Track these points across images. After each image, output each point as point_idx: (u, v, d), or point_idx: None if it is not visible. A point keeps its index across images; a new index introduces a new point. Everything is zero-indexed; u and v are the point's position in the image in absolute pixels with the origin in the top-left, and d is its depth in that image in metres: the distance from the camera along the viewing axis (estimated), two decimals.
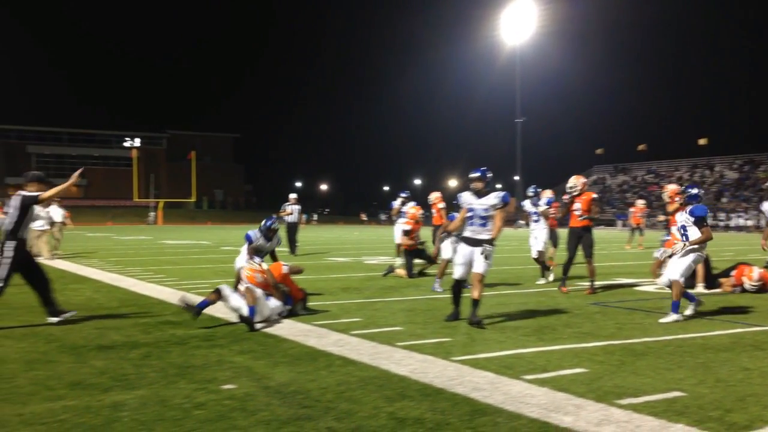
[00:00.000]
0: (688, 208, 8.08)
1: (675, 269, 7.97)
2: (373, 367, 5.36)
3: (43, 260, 16.87)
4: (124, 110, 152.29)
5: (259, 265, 8.03)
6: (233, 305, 7.41)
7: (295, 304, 8.07)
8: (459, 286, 7.72)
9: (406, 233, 13.13)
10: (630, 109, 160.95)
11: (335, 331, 6.97)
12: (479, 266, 7.41)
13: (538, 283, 11.72)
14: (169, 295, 9.97)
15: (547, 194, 12.75)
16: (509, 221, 46.79)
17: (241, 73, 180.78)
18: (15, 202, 7.40)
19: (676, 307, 7.74)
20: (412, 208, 13.61)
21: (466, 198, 7.67)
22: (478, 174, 7.67)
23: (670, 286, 8.02)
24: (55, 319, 7.32)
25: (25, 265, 7.38)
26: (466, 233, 7.60)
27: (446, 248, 11.19)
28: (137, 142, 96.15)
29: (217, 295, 7.49)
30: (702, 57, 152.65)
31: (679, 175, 71.39)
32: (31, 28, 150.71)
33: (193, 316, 7.34)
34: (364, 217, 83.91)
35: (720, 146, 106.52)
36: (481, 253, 7.41)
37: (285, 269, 8.27)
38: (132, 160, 79.79)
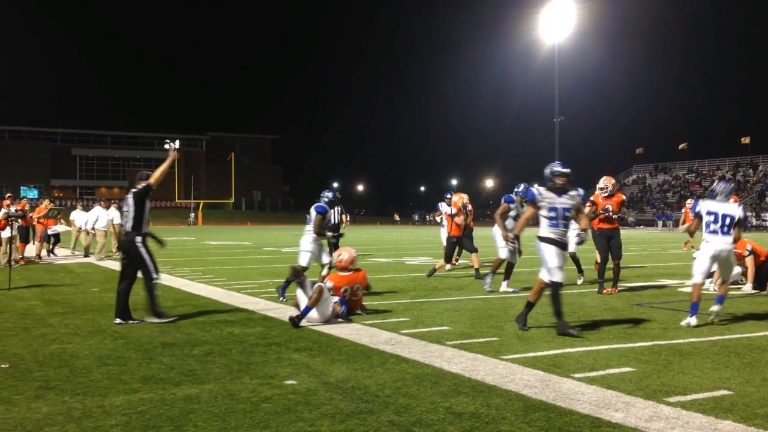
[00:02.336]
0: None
1: (693, 270, 7.82)
2: (426, 365, 5.58)
3: (94, 260, 17.46)
4: (166, 113, 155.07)
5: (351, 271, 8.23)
6: (299, 296, 7.70)
7: (355, 312, 8.22)
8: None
9: (453, 216, 13.38)
10: (670, 108, 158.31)
11: (385, 330, 7.20)
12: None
13: (578, 282, 11.79)
14: (221, 294, 10.32)
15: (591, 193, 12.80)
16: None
17: (280, 76, 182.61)
18: (129, 200, 7.93)
19: (694, 308, 7.51)
20: (455, 195, 13.95)
21: (547, 195, 7.02)
22: (567, 170, 7.03)
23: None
24: (121, 322, 7.64)
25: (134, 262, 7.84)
26: (551, 235, 7.01)
27: (503, 249, 10.72)
28: (177, 143, 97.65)
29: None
30: (744, 54, 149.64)
31: (721, 174, 70.18)
32: (76, 37, 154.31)
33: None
34: (397, 217, 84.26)
35: (763, 145, 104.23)
36: (576, 237, 7.36)
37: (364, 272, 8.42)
38: (174, 161, 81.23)
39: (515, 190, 11.06)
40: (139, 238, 7.80)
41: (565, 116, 56.58)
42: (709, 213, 7.70)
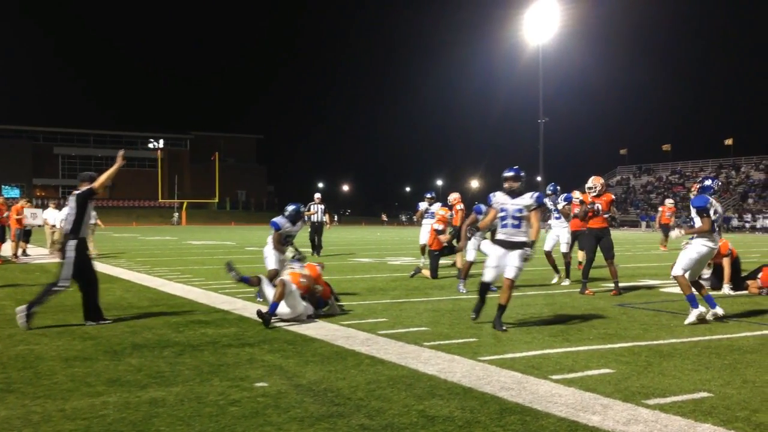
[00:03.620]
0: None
1: (677, 264, 7.85)
2: (401, 366, 5.45)
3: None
4: (149, 112, 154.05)
5: (301, 268, 8.13)
6: (266, 293, 7.67)
7: (326, 301, 8.15)
8: (486, 287, 7.49)
9: (439, 232, 13.06)
10: (654, 109, 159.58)
11: (362, 331, 7.07)
12: (510, 271, 7.18)
13: (563, 284, 11.74)
14: (198, 294, 10.14)
15: (573, 193, 12.71)
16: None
17: (264, 75, 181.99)
18: (71, 202, 7.61)
19: (692, 300, 7.60)
20: (441, 209, 13.60)
21: (499, 198, 7.48)
22: (512, 173, 7.48)
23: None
24: (92, 323, 7.45)
25: (81, 266, 7.48)
26: (500, 236, 7.40)
27: (470, 250, 10.98)
28: (161, 143, 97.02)
29: (258, 280, 8.07)
30: (728, 56, 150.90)
31: (704, 176, 70.64)
32: (59, 35, 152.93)
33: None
34: (384, 217, 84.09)
35: (746, 147, 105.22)
36: (521, 256, 7.19)
37: (318, 269, 8.34)
38: (157, 161, 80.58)
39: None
40: (73, 242, 7.42)
41: (549, 117, 56.70)
42: (715, 212, 7.81)
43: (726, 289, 10.59)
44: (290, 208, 9.26)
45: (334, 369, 5.37)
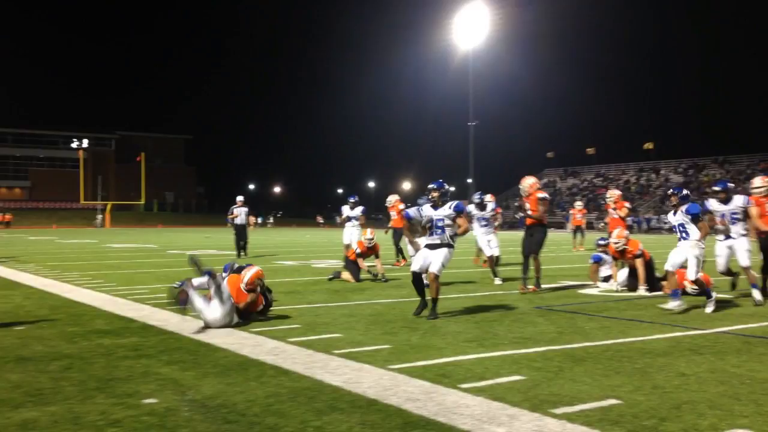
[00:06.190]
0: (684, 207, 8.92)
1: (690, 270, 8.81)
2: (306, 377, 5.17)
3: None
4: (72, 111, 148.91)
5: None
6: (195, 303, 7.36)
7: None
8: (418, 277, 8.20)
9: (369, 248, 12.71)
10: (579, 113, 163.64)
11: (272, 338, 6.75)
12: (434, 267, 8.04)
13: (497, 283, 12.11)
14: (104, 301, 9.60)
15: (489, 199, 13.50)
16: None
17: (193, 75, 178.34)
18: None
19: (676, 295, 8.72)
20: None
21: (426, 210, 8.40)
22: (435, 185, 8.38)
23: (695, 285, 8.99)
24: None
25: None
26: (429, 241, 8.31)
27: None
28: (85, 143, 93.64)
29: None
30: (648, 64, 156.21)
31: (627, 179, 72.80)
32: None
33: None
34: (320, 219, 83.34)
35: (665, 151, 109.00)
36: (444, 254, 8.11)
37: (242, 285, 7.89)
38: (79, 161, 77.62)
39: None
40: None
41: (479, 120, 57.33)
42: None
43: (642, 290, 10.70)
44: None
45: (234, 381, 5.05)
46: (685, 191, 9.29)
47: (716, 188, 9.66)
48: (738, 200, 9.28)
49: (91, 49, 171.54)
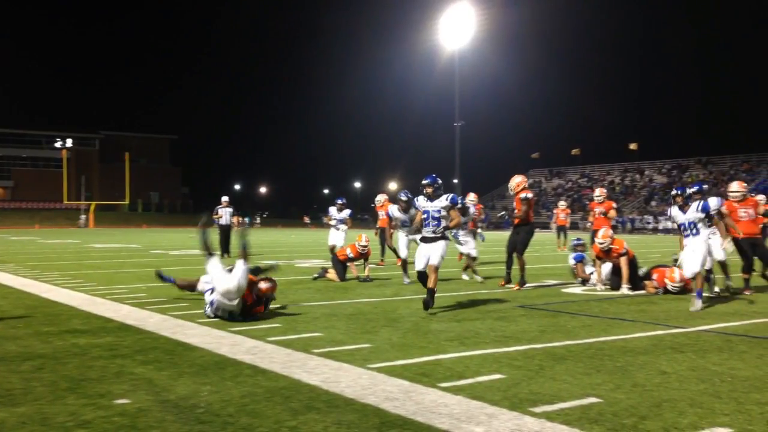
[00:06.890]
0: (697, 205, 8.95)
1: (696, 262, 8.75)
2: (283, 377, 5.09)
3: None
4: (56, 110, 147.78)
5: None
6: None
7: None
8: (423, 275, 8.60)
9: (362, 254, 12.64)
10: (564, 114, 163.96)
11: (251, 338, 6.66)
12: (435, 259, 8.44)
13: (478, 281, 12.27)
14: (82, 301, 9.47)
15: (471, 197, 13.43)
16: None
17: (178, 74, 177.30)
18: None
19: (700, 295, 8.69)
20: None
21: (421, 202, 8.75)
22: (428, 180, 8.77)
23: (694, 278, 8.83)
24: None
25: None
26: (425, 233, 8.63)
27: (402, 248, 12.53)
28: (69, 142, 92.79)
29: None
30: (633, 65, 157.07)
31: (611, 179, 73.13)
32: None
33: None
34: (307, 220, 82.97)
35: (650, 151, 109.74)
36: (443, 246, 8.49)
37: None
38: (62, 161, 76.90)
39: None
40: None
41: (465, 121, 57.41)
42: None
43: (624, 289, 10.70)
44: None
45: (209, 381, 4.96)
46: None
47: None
48: (713, 202, 9.09)
49: (76, 47, 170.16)
